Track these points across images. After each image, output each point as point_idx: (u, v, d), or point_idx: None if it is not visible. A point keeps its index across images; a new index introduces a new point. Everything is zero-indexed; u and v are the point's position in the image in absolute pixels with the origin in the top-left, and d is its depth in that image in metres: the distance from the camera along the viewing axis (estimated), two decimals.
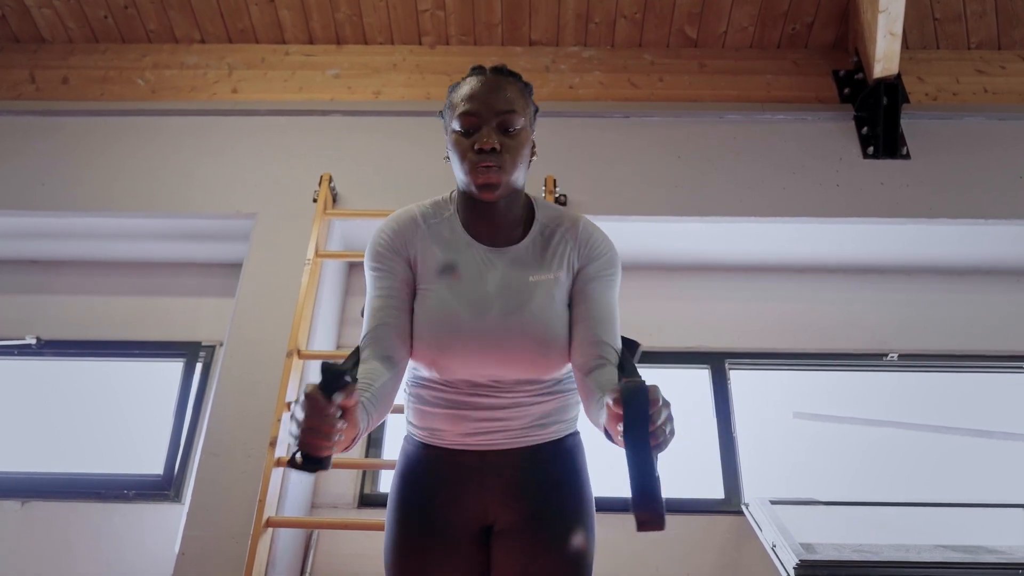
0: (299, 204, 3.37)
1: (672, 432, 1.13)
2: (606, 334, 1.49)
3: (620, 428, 1.12)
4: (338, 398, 1.13)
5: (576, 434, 1.66)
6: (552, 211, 1.61)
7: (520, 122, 1.47)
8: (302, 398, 1.12)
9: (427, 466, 1.59)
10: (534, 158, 1.55)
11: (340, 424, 1.14)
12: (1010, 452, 3.36)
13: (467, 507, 1.55)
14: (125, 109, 3.69)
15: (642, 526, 1.07)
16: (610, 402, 1.14)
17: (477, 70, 1.52)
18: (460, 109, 1.46)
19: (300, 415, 1.12)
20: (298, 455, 1.14)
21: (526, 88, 1.55)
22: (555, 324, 1.49)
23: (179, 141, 3.58)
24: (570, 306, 1.54)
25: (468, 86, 1.48)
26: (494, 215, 1.54)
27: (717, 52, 3.94)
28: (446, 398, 1.56)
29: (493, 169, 1.43)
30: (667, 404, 1.13)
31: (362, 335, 1.52)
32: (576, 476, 1.58)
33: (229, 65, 3.89)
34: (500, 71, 1.51)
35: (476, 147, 1.43)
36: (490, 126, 1.44)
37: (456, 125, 1.47)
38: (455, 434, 1.57)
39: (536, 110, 1.57)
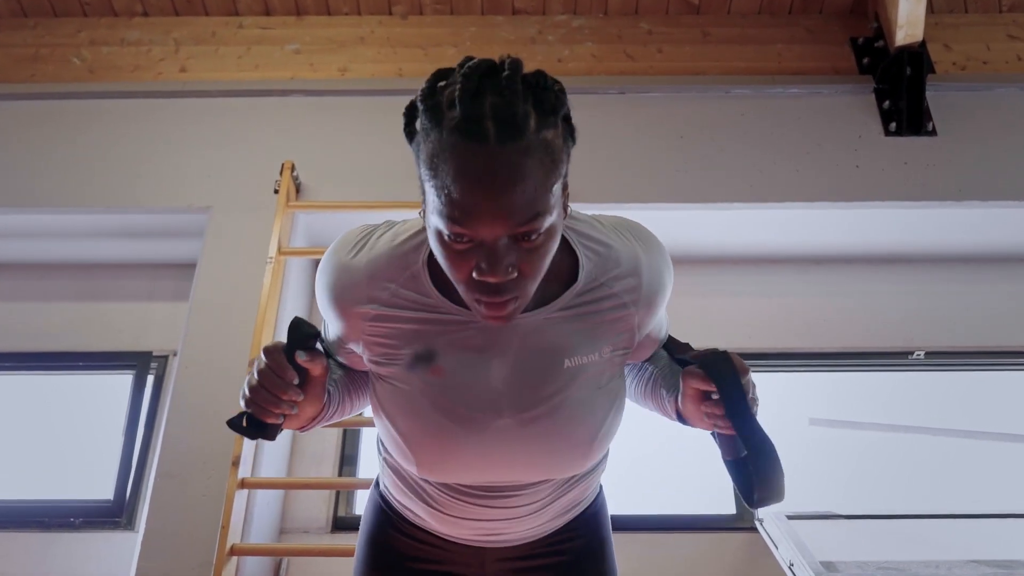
0: (258, 196, 3.43)
1: (758, 400, 1.21)
2: (662, 339, 1.46)
3: (708, 405, 1.19)
4: (301, 357, 1.15)
5: (599, 495, 1.60)
6: (596, 246, 1.29)
7: (548, 221, 1.06)
8: (261, 354, 1.14)
9: (406, 546, 1.51)
10: (568, 212, 1.18)
11: (295, 392, 1.14)
12: None
13: None
14: (59, 92, 3.74)
15: (764, 501, 1.14)
16: (693, 382, 1.19)
17: (470, 122, 1.01)
18: (445, 208, 1.04)
19: (255, 373, 1.14)
20: (243, 417, 1.16)
21: (559, 127, 1.08)
22: (603, 411, 1.29)
23: (121, 127, 3.64)
24: None
25: (456, 164, 1.02)
26: None
27: (722, 19, 4.02)
28: (439, 500, 1.41)
29: (509, 303, 1.11)
30: (748, 369, 1.21)
31: None
32: (601, 546, 1.55)
33: (176, 41, 3.94)
34: (511, 123, 1.01)
35: (477, 276, 1.08)
36: (499, 243, 1.06)
37: (439, 223, 1.07)
38: (447, 532, 1.47)
39: (574, 142, 1.14)
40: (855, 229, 3.62)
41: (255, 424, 1.16)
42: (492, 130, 0.99)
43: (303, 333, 1.16)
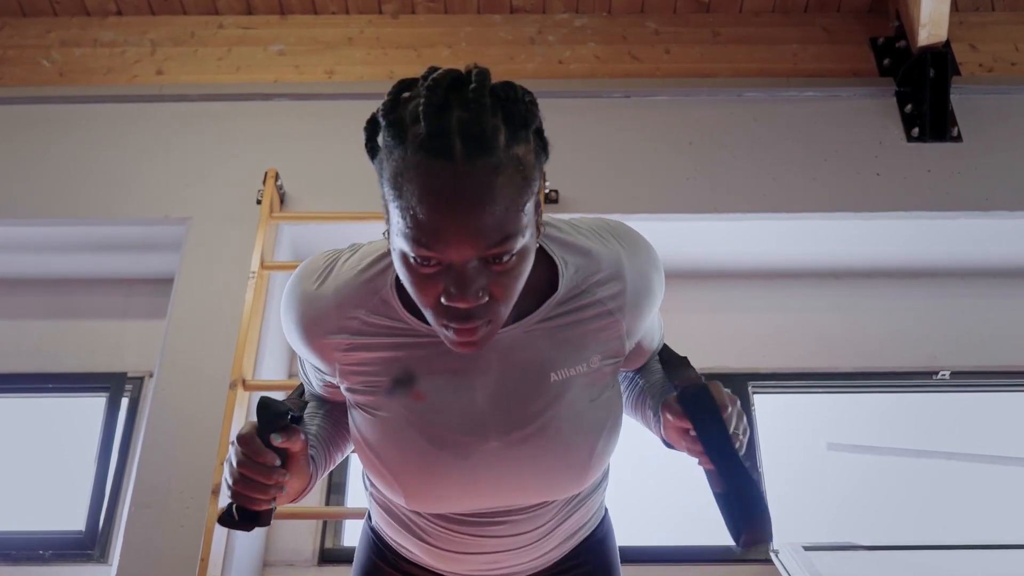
0: (240, 206, 3.48)
1: (746, 431, 1.23)
2: (655, 348, 1.48)
3: (687, 439, 1.20)
4: (277, 440, 1.17)
5: (605, 519, 1.64)
6: (575, 252, 1.30)
7: (520, 242, 1.07)
8: (235, 440, 1.17)
9: None
10: (546, 184, 1.26)
11: (280, 474, 1.17)
12: None
13: None
14: (28, 96, 3.80)
15: (747, 546, 1.15)
16: (669, 416, 1.21)
17: (435, 138, 1.01)
18: (410, 230, 1.04)
19: (233, 461, 1.16)
20: (233, 509, 1.20)
21: (531, 141, 1.09)
22: (598, 426, 1.30)
23: (94, 133, 3.70)
24: None
25: (421, 183, 1.02)
26: None
27: (733, 18, 4.09)
28: (426, 530, 1.44)
29: (480, 330, 1.11)
30: (734, 400, 1.22)
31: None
32: (609, 574, 1.59)
33: (152, 41, 4.01)
34: (479, 139, 1.01)
35: (446, 301, 1.08)
36: (468, 265, 1.05)
37: (404, 246, 1.06)
38: (443, 568, 1.50)
39: (546, 157, 1.14)
40: (875, 241, 3.67)
41: (247, 515, 1.20)
42: (459, 147, 0.99)
43: (273, 412, 1.19)
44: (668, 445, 1.32)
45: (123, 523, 2.97)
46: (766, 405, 3.65)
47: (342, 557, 3.31)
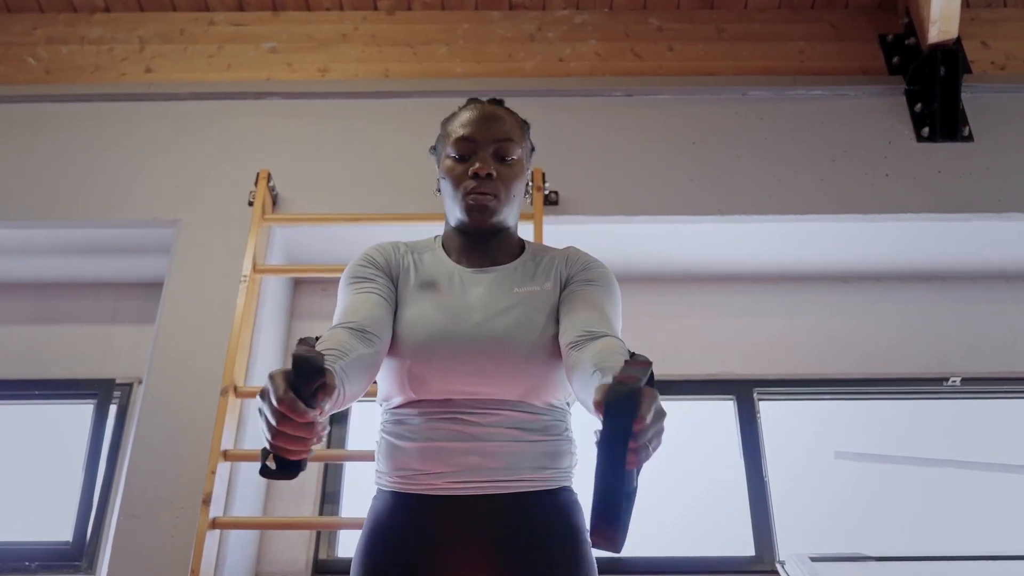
0: (232, 208, 3.51)
1: (657, 447, 1.26)
2: (599, 324, 1.70)
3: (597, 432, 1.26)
4: (314, 407, 1.22)
5: (570, 490, 1.80)
6: (540, 247, 2.02)
7: (517, 152, 1.88)
8: (273, 399, 1.20)
9: (399, 520, 1.72)
10: (528, 196, 1.79)
11: (320, 427, 1.25)
12: None
13: (448, 567, 1.68)
14: (13, 95, 3.83)
15: (595, 543, 1.19)
16: (593, 402, 1.26)
17: (474, 100, 1.96)
18: (456, 135, 1.86)
19: (271, 416, 1.21)
20: (270, 461, 1.25)
21: (524, 125, 1.98)
22: (538, 330, 1.77)
23: (81, 133, 3.73)
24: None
25: (464, 115, 1.90)
26: (482, 247, 1.92)
27: (738, 14, 4.12)
28: (420, 428, 1.73)
29: (488, 196, 1.82)
30: (659, 416, 1.25)
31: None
32: (573, 533, 1.72)
33: (141, 39, 4.04)
34: (498, 102, 1.95)
35: (471, 172, 1.81)
36: (486, 152, 1.84)
37: (451, 151, 1.87)
38: (431, 475, 1.70)
39: (532, 149, 2.02)
40: (884, 244, 3.69)
41: (286, 465, 1.26)
42: (485, 102, 1.94)
43: (311, 368, 1.22)
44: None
45: (111, 533, 2.98)
46: (772, 412, 3.67)
47: (336, 568, 3.33)
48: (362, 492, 3.39)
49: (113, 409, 3.66)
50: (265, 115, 3.77)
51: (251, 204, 3.45)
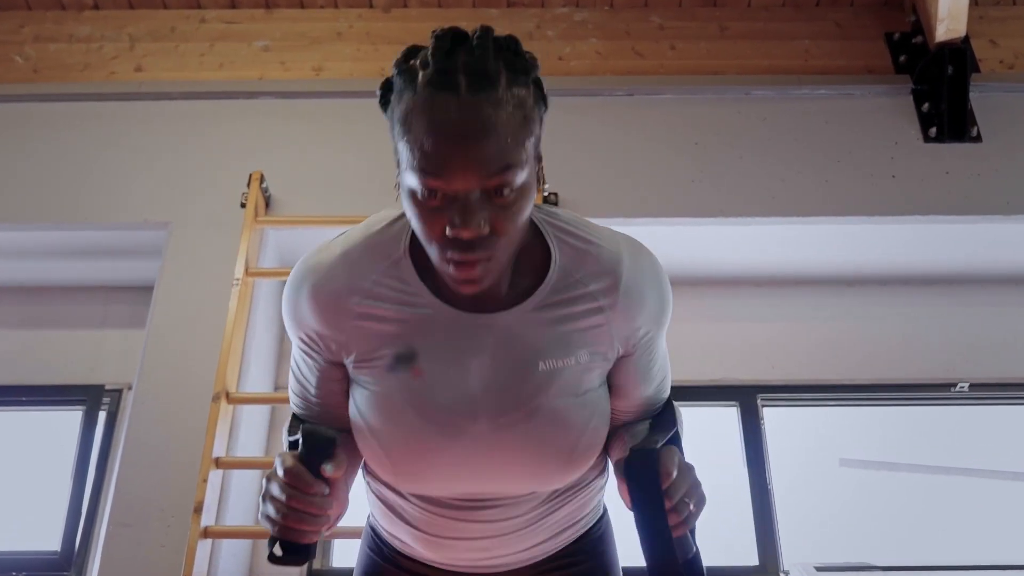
0: (224, 210, 3.51)
1: (700, 503, 1.24)
2: (658, 396, 1.50)
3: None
4: (328, 471, 1.20)
5: (603, 517, 1.70)
6: (575, 241, 1.38)
7: (520, 176, 1.18)
8: (280, 472, 1.19)
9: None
10: (545, 187, 1.38)
11: (329, 504, 1.21)
12: None
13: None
14: (0, 94, 3.83)
15: None
16: (619, 483, 1.24)
17: (442, 74, 1.15)
18: (417, 162, 1.16)
19: (279, 495, 1.18)
20: (277, 547, 1.21)
21: (530, 109, 1.21)
22: (574, 435, 1.37)
23: (70, 133, 3.73)
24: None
25: (428, 116, 1.15)
26: None
27: (741, 12, 4.13)
28: (417, 517, 1.51)
29: (479, 266, 1.20)
30: (687, 470, 1.24)
31: (291, 402, 1.52)
32: (607, 573, 1.64)
33: (131, 36, 4.05)
34: (482, 75, 1.15)
35: (451, 235, 1.18)
36: (471, 196, 1.16)
37: (412, 181, 1.19)
38: (436, 558, 1.57)
39: (545, 107, 1.27)
40: (891, 246, 3.70)
41: (294, 549, 1.21)
42: (464, 82, 1.14)
43: (322, 440, 1.22)
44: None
45: (100, 542, 2.99)
46: (775, 418, 3.68)
47: None
48: (358, 500, 3.39)
49: (102, 416, 3.66)
50: (258, 115, 3.77)
51: (243, 206, 3.44)
